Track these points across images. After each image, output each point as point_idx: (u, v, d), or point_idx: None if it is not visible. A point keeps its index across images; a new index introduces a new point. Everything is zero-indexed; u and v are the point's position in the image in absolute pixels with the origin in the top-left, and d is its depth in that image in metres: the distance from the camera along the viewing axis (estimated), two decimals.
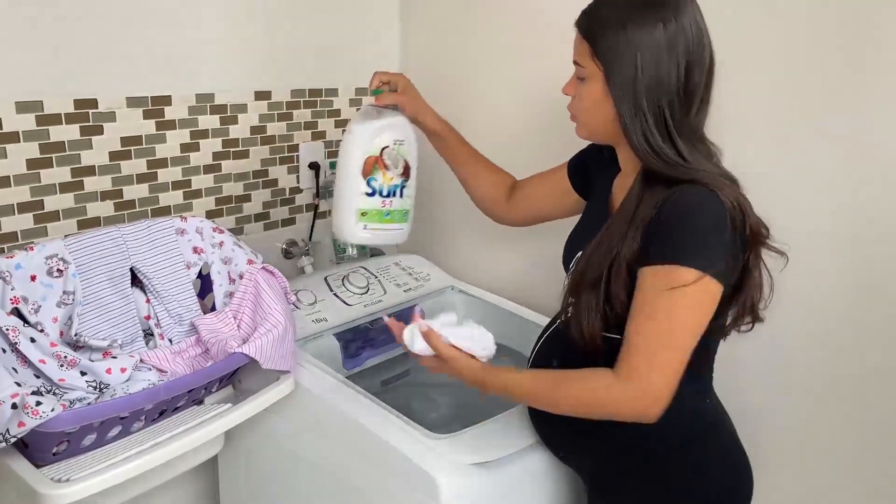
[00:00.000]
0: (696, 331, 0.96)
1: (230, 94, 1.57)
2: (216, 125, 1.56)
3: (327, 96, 1.76)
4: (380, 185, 1.23)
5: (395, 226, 1.26)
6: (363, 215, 1.24)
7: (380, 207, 1.24)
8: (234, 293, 1.34)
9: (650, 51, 0.96)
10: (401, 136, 1.24)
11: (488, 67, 1.71)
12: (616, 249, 0.99)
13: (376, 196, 1.23)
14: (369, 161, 1.21)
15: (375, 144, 1.21)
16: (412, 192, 1.27)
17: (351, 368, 1.57)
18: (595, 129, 1.07)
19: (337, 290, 1.63)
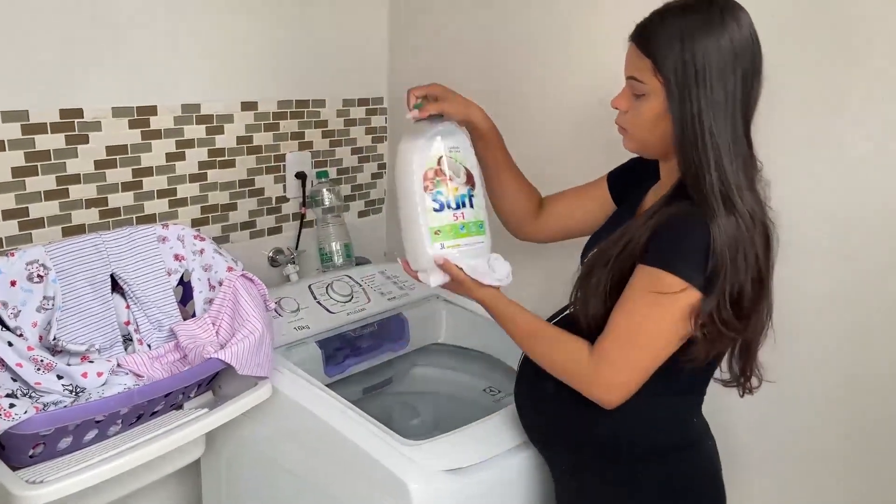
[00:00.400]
0: (670, 339, 0.99)
1: (216, 104, 1.60)
2: (202, 135, 1.59)
3: (314, 107, 1.78)
4: (446, 197, 1.12)
5: (473, 240, 1.13)
6: (437, 234, 1.11)
7: (453, 221, 1.12)
8: (213, 300, 1.35)
9: (717, 65, 0.95)
10: (453, 142, 1.15)
11: (477, 79, 1.73)
12: (629, 238, 1.02)
13: (445, 210, 1.12)
14: (429, 174, 1.12)
15: (431, 156, 1.12)
16: (482, 202, 1.17)
17: (333, 375, 1.59)
18: (648, 145, 1.07)
19: (320, 298, 1.64)
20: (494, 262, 1.13)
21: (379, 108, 1.94)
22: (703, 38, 0.95)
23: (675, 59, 0.96)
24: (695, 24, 0.95)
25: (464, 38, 1.74)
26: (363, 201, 1.98)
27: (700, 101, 0.95)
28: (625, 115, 1.06)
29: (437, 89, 1.21)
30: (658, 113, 1.00)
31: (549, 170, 1.51)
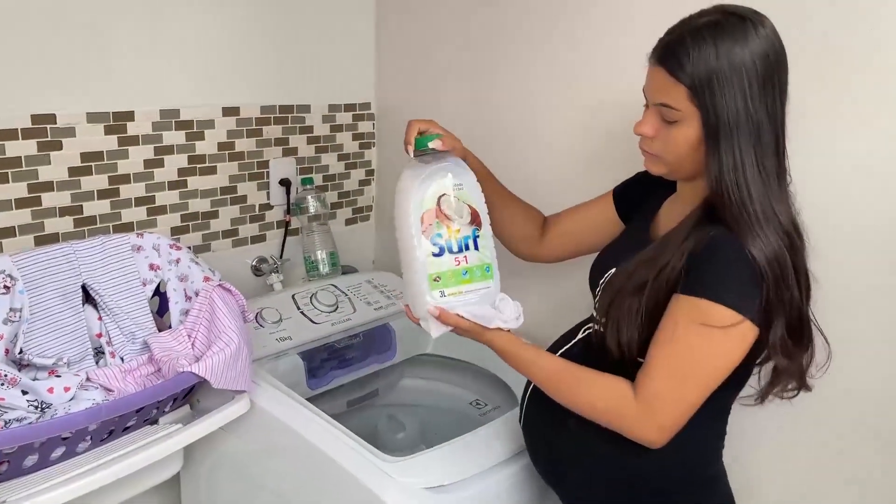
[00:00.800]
0: (722, 373, 0.94)
1: (197, 109, 1.56)
2: (181, 141, 1.55)
3: (299, 112, 1.75)
4: (446, 240, 1.04)
5: (478, 286, 1.05)
6: (437, 281, 1.03)
7: (454, 267, 1.04)
8: (189, 311, 1.31)
9: (759, 85, 0.90)
10: (457, 180, 1.06)
11: (467, 87, 1.69)
12: (664, 262, 0.95)
13: (446, 254, 1.04)
14: (427, 216, 1.04)
15: (430, 196, 1.04)
16: (490, 243, 1.08)
17: (315, 388, 1.55)
18: (682, 170, 1.00)
19: (304, 308, 1.60)
20: (501, 302, 1.06)
21: (366, 113, 1.90)
22: (742, 60, 0.89)
23: (715, 86, 0.90)
24: (732, 45, 0.89)
25: (454, 43, 1.70)
26: (350, 208, 1.94)
27: (743, 127, 0.90)
28: (652, 141, 1.00)
29: (435, 126, 1.14)
30: (695, 139, 0.94)
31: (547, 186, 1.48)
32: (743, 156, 0.91)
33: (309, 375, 1.53)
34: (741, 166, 0.91)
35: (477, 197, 1.08)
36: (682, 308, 0.92)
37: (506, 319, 1.05)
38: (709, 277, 0.91)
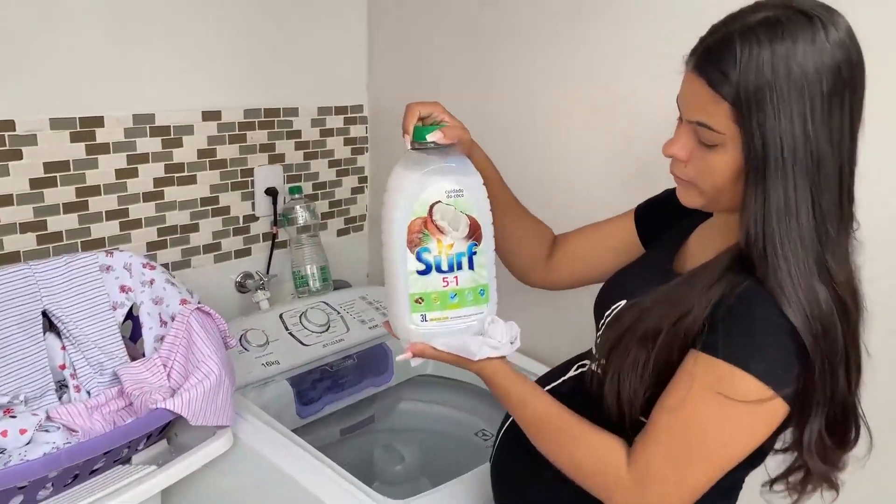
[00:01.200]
0: (736, 456, 0.77)
1: (174, 113, 1.43)
2: (157, 148, 1.42)
3: (286, 116, 1.62)
4: (435, 256, 0.89)
5: (468, 311, 0.90)
6: (419, 303, 0.89)
7: (441, 288, 0.89)
8: (165, 337, 1.19)
9: (824, 109, 0.72)
10: (457, 184, 0.89)
11: (465, 86, 1.57)
12: (685, 308, 0.78)
13: (433, 273, 0.89)
14: (414, 226, 0.88)
15: (421, 201, 0.88)
16: (489, 261, 0.92)
17: (306, 416, 1.42)
18: (719, 203, 0.82)
19: (293, 328, 1.48)
20: (491, 326, 0.91)
21: (359, 116, 1.78)
22: (805, 72, 0.71)
23: (766, 104, 0.72)
24: (793, 51, 0.71)
25: (452, 40, 1.58)
26: (342, 218, 1.82)
27: (800, 159, 0.73)
28: (684, 165, 0.82)
29: (438, 109, 0.95)
30: (736, 170, 0.76)
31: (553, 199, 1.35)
32: (796, 195, 0.73)
33: (299, 402, 1.41)
34: (792, 208, 0.73)
35: (480, 205, 0.92)
36: (698, 369, 0.76)
37: (495, 345, 0.89)
38: (737, 337, 0.74)
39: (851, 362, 0.76)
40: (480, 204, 0.91)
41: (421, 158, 0.91)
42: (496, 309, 0.94)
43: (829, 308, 0.73)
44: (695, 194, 0.84)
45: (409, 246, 0.87)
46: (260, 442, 1.18)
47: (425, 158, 0.91)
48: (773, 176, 0.73)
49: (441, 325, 0.90)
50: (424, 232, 0.87)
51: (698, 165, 0.80)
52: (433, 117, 0.95)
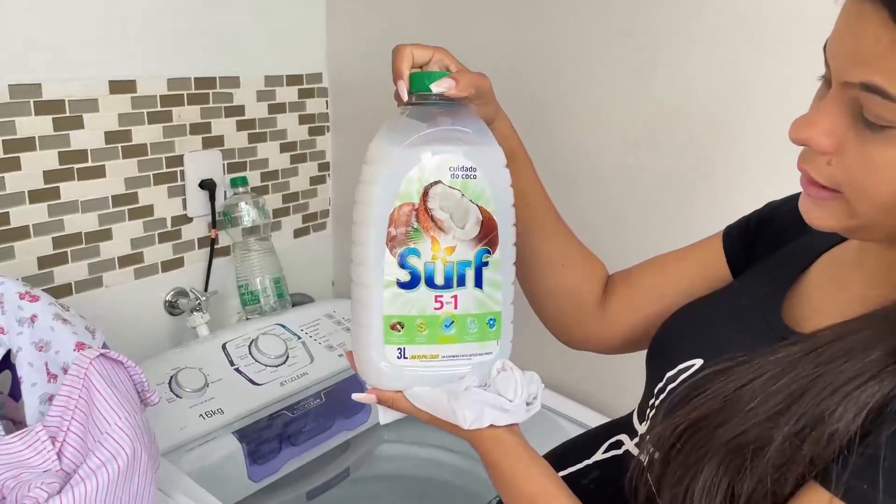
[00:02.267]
0: None
1: (69, 84, 1.08)
2: (48, 130, 1.07)
3: (224, 87, 1.28)
4: (426, 262, 0.62)
5: (469, 349, 0.64)
6: (396, 329, 0.63)
7: (432, 311, 0.63)
8: (54, 397, 0.84)
9: None
10: (468, 158, 0.62)
11: None
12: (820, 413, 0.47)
13: (421, 287, 0.62)
14: (400, 215, 0.61)
15: (412, 179, 0.61)
16: (505, 278, 0.65)
17: (261, 479, 1.10)
18: (878, 229, 0.51)
19: (240, 362, 1.16)
20: (502, 377, 0.63)
21: (317, 88, 1.44)
22: None
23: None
24: None
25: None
26: (300, 215, 1.48)
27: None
28: (829, 160, 0.50)
29: (445, 56, 0.66)
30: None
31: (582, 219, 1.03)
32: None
33: (251, 462, 1.09)
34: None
35: (500, 194, 0.63)
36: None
37: (504, 407, 0.61)
38: None
39: None
40: (501, 191, 0.63)
41: (416, 118, 0.62)
42: (509, 350, 0.66)
43: None
44: (838, 211, 0.51)
45: (390, 244, 0.61)
46: None
47: (423, 118, 0.62)
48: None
49: (427, 367, 0.63)
50: (414, 225, 0.61)
51: (854, 161, 0.48)
52: (434, 61, 0.66)
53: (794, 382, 0.49)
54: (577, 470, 0.69)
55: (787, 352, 0.51)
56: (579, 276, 0.78)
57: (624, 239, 1.04)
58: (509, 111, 0.73)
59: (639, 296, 0.77)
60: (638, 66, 1.05)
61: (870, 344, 0.48)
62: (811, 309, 0.60)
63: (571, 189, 1.13)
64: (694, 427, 0.52)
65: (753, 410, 0.50)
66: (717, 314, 0.66)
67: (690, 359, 0.61)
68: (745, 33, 0.94)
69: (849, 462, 0.46)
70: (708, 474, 0.50)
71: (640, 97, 1.06)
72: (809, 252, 0.65)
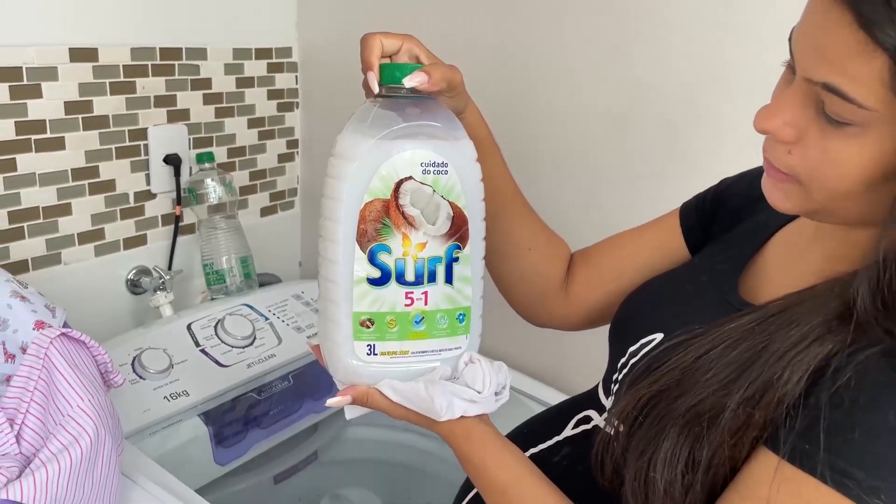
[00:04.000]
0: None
1: (26, 50, 1.03)
2: (4, 99, 1.02)
3: (190, 59, 1.23)
4: (397, 258, 0.62)
5: (438, 344, 0.64)
6: (366, 326, 0.62)
7: (403, 308, 0.62)
8: (13, 378, 0.81)
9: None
10: (439, 153, 0.61)
11: (430, 26, 1.22)
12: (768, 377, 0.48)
13: (391, 283, 0.62)
14: (370, 211, 0.60)
15: (383, 175, 0.60)
16: (475, 273, 0.65)
17: (227, 462, 1.08)
18: (834, 213, 0.53)
19: (206, 343, 1.13)
20: (469, 369, 0.63)
21: (286, 62, 1.40)
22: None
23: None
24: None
25: None
26: (267, 193, 1.44)
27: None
28: (789, 150, 0.52)
29: (414, 44, 0.65)
30: (886, 161, 0.48)
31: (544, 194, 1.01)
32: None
33: (217, 445, 1.06)
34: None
35: (470, 190, 0.63)
36: (779, 491, 0.47)
37: (473, 398, 0.61)
38: (851, 447, 0.45)
39: None
40: (472, 187, 0.63)
41: (387, 112, 0.61)
42: (478, 344, 0.66)
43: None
44: (796, 195, 0.53)
45: (360, 240, 0.60)
46: None
47: (394, 112, 0.61)
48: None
49: (397, 363, 0.63)
50: (384, 222, 0.60)
51: (813, 153, 0.50)
52: (402, 53, 0.64)
53: (746, 351, 0.51)
54: (548, 447, 0.69)
55: (740, 322, 0.53)
56: (545, 259, 0.79)
57: (598, 219, 1.03)
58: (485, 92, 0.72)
59: (599, 274, 0.78)
60: (615, 45, 1.04)
61: (814, 311, 0.50)
62: (768, 283, 0.61)
63: (547, 169, 1.12)
64: (655, 399, 0.54)
65: (709, 380, 0.51)
66: (677, 290, 0.68)
67: (651, 334, 0.63)
68: (724, 16, 0.94)
69: (794, 424, 0.47)
70: (669, 444, 0.52)
71: (617, 78, 1.05)
72: (766, 228, 0.66)
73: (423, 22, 1.20)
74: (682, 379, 0.53)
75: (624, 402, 0.57)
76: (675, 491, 0.51)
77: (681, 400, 0.52)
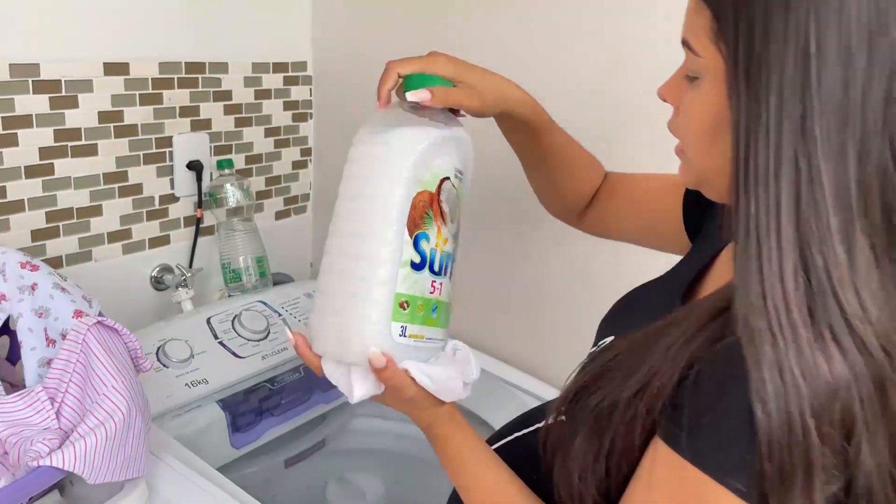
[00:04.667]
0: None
1: (66, 65, 1.12)
2: (44, 109, 1.11)
3: (213, 72, 1.32)
4: (431, 248, 0.65)
5: (438, 333, 0.69)
6: (404, 308, 0.64)
7: (428, 294, 0.66)
8: (53, 361, 0.89)
9: (842, 28, 0.45)
10: (461, 163, 0.69)
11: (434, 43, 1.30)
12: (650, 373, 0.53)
13: (425, 270, 0.65)
14: (421, 201, 0.64)
15: (434, 171, 0.65)
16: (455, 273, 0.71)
17: (242, 446, 1.15)
18: (706, 171, 0.56)
19: (224, 336, 1.20)
20: (462, 353, 0.69)
21: (301, 76, 1.48)
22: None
23: (752, 7, 0.47)
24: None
25: None
26: (282, 198, 1.53)
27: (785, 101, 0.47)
28: (676, 117, 0.58)
29: (443, 66, 0.70)
30: (715, 111, 0.52)
31: None
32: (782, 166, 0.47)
33: (233, 430, 1.14)
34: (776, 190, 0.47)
35: (468, 200, 0.71)
36: (658, 471, 0.52)
37: (467, 380, 0.67)
38: (707, 428, 0.49)
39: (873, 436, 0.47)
40: (468, 198, 0.71)
41: (417, 118, 0.67)
42: None
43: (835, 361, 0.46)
44: (685, 165, 0.59)
45: (410, 225, 0.63)
46: (181, 492, 0.91)
47: (432, 119, 0.67)
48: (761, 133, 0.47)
49: (415, 346, 0.65)
50: (429, 212, 0.64)
51: (681, 113, 0.57)
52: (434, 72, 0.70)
53: (643, 350, 0.55)
54: (535, 429, 0.74)
55: (655, 326, 0.57)
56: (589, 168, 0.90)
57: None
58: None
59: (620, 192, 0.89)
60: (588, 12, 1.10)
61: (704, 308, 0.54)
62: (713, 287, 0.62)
63: None
64: (578, 394, 0.59)
65: (613, 377, 0.56)
66: (646, 296, 0.73)
67: (609, 335, 0.69)
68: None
69: (668, 412, 0.51)
70: (583, 437, 0.57)
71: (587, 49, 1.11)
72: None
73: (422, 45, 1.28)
74: (598, 376, 0.58)
75: (558, 397, 0.62)
76: (587, 478, 0.56)
77: (593, 396, 0.57)
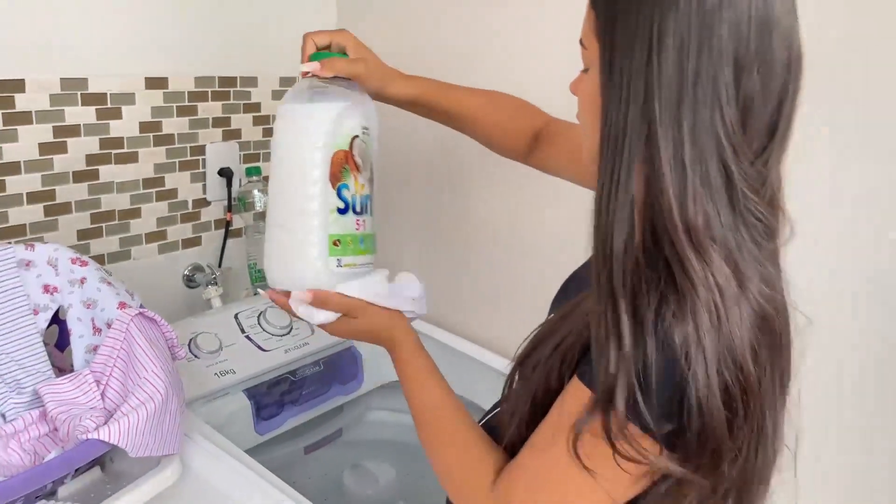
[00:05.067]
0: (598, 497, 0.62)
1: (111, 79, 1.22)
2: (91, 119, 1.21)
3: (243, 86, 1.42)
4: (352, 195, 0.81)
5: (368, 259, 0.85)
6: (336, 245, 0.80)
7: (354, 230, 0.82)
8: (99, 347, 0.99)
9: (677, 26, 0.53)
10: (366, 120, 0.84)
11: (437, 53, 1.39)
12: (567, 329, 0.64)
13: (349, 213, 0.81)
14: (338, 159, 0.79)
15: (345, 133, 0.80)
16: (375, 208, 0.87)
17: (265, 432, 1.24)
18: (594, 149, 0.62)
19: (250, 330, 1.29)
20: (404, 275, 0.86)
21: None
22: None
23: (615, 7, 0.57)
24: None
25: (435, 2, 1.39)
26: None
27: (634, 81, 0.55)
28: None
29: (346, 39, 0.88)
30: (597, 94, 0.59)
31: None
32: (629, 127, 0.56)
33: (257, 417, 1.23)
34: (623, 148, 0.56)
35: (377, 149, 0.87)
36: (568, 401, 0.62)
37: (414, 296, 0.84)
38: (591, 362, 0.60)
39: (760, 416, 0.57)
40: (377, 148, 0.87)
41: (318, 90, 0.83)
42: None
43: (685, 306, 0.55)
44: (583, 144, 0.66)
45: (332, 180, 0.80)
46: (211, 469, 1.00)
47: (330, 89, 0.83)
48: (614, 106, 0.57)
49: (350, 272, 0.82)
50: (345, 167, 0.81)
51: (578, 99, 0.67)
52: (334, 47, 0.88)
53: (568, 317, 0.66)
54: None
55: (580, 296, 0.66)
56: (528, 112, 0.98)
57: None
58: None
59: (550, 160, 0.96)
60: None
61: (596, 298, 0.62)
62: None
63: None
64: (516, 364, 0.71)
65: (541, 338, 0.68)
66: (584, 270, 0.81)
67: (553, 311, 0.78)
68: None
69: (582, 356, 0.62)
70: (518, 385, 0.70)
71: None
72: None
73: (440, 53, 1.37)
74: (537, 343, 0.68)
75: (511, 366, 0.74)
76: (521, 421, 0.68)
77: (530, 359, 0.68)
